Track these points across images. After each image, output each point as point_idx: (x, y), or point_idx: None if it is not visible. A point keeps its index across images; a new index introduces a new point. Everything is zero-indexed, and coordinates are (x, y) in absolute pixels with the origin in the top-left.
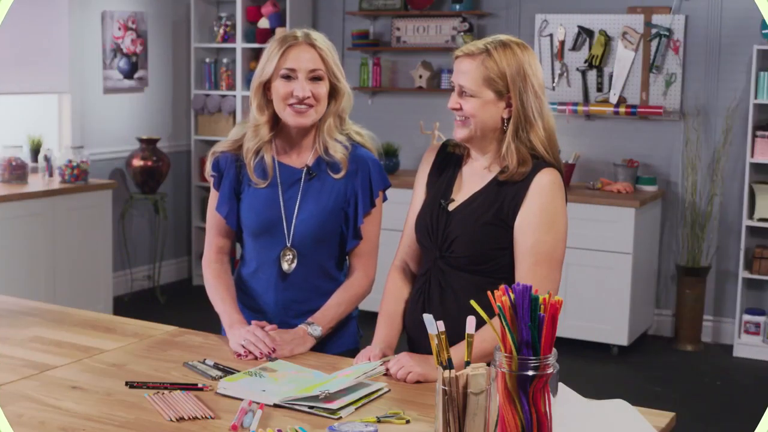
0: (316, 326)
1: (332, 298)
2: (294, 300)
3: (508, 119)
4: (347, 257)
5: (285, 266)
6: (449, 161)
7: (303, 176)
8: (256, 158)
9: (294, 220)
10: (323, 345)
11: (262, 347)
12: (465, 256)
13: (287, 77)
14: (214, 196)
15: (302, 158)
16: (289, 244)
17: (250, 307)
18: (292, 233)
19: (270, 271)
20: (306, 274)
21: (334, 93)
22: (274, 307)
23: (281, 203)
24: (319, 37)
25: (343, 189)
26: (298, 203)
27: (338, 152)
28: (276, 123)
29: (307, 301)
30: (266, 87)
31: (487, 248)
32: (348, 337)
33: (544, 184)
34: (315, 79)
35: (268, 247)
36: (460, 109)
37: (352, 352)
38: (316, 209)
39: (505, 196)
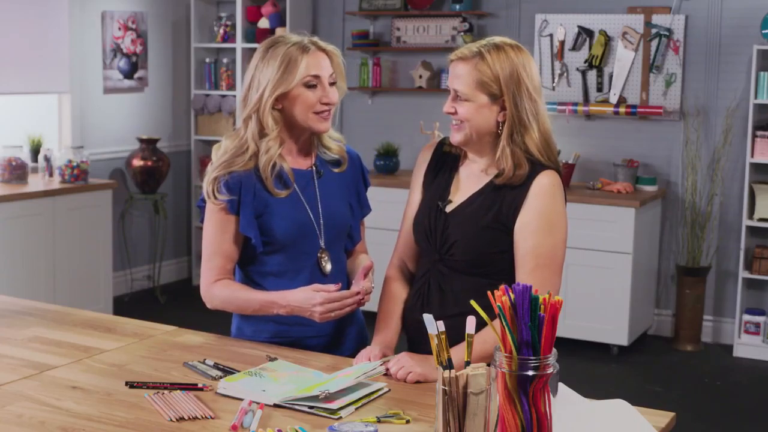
0: None
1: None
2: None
3: (503, 122)
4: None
5: (328, 267)
6: (446, 161)
7: (314, 175)
8: (275, 171)
9: (321, 218)
10: (329, 346)
11: (349, 302)
12: (465, 260)
13: (312, 85)
14: (226, 221)
15: (305, 160)
16: (323, 245)
17: (292, 321)
18: (323, 231)
19: (306, 277)
20: (336, 270)
21: None
22: None
23: (305, 204)
24: (321, 42)
25: (346, 181)
26: (319, 201)
27: (334, 148)
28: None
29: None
30: (278, 98)
31: (487, 251)
32: (355, 335)
33: (544, 186)
34: (331, 83)
35: (304, 252)
36: (455, 113)
37: (356, 353)
38: (337, 203)
39: (503, 198)
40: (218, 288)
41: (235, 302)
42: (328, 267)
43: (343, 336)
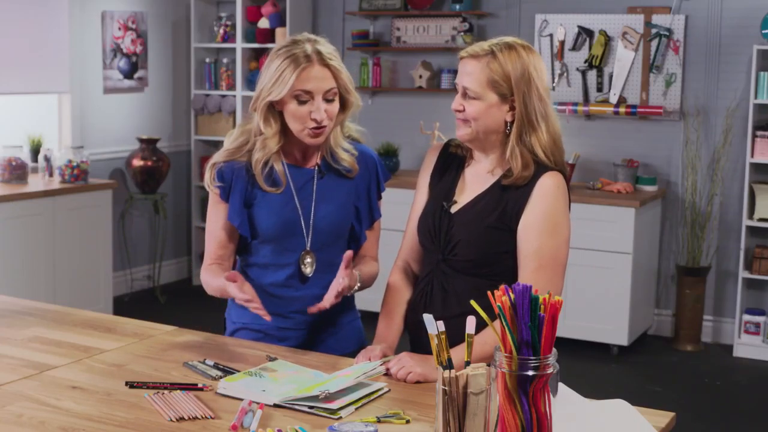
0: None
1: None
2: (315, 297)
3: (511, 122)
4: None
5: (307, 270)
6: (451, 162)
7: (315, 175)
8: (266, 169)
9: (312, 220)
10: (328, 345)
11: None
12: (468, 260)
13: (303, 101)
14: (219, 208)
15: (310, 159)
16: (308, 246)
17: (272, 312)
18: (310, 233)
19: (289, 273)
20: (323, 272)
21: (343, 104)
22: (299, 306)
23: (297, 204)
24: (327, 51)
25: (354, 184)
26: (314, 202)
27: (346, 159)
28: (283, 132)
29: (322, 297)
30: (273, 104)
31: (491, 252)
32: (353, 334)
33: (548, 187)
34: (329, 99)
35: (290, 249)
36: (464, 110)
37: (356, 353)
38: (333, 206)
39: (508, 199)
40: (203, 272)
41: (209, 286)
42: (308, 270)
43: (320, 335)
